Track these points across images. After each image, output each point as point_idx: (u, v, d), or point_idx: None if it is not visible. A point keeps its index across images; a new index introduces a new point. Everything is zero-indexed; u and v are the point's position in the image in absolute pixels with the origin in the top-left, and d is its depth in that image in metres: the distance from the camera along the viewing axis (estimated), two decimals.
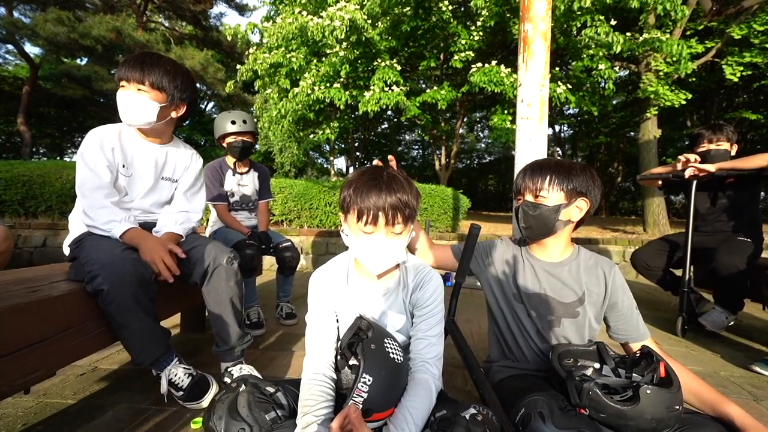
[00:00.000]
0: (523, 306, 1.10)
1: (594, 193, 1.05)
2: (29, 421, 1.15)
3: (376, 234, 0.87)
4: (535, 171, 1.07)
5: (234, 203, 2.30)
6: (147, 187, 1.43)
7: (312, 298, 0.99)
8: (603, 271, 1.08)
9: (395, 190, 0.86)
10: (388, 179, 0.88)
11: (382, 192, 0.85)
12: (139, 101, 1.32)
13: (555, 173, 1.04)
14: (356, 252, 0.92)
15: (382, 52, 5.97)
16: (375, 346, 0.79)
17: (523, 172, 1.10)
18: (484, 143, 22.66)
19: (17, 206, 4.36)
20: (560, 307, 1.06)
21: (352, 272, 1.01)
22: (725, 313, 1.97)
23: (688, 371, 0.95)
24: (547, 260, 1.11)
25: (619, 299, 1.06)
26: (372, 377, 0.74)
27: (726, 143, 2.12)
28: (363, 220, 0.86)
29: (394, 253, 0.90)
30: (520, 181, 1.10)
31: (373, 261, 0.90)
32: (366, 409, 0.74)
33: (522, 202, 1.10)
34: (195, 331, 2.00)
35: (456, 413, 0.74)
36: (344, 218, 0.94)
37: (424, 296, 0.95)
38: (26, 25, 11.36)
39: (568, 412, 0.76)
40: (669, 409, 0.78)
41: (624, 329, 1.07)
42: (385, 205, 0.85)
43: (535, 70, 1.81)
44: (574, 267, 1.09)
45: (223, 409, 0.75)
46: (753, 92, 9.52)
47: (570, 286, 1.07)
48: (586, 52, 5.63)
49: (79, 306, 1.11)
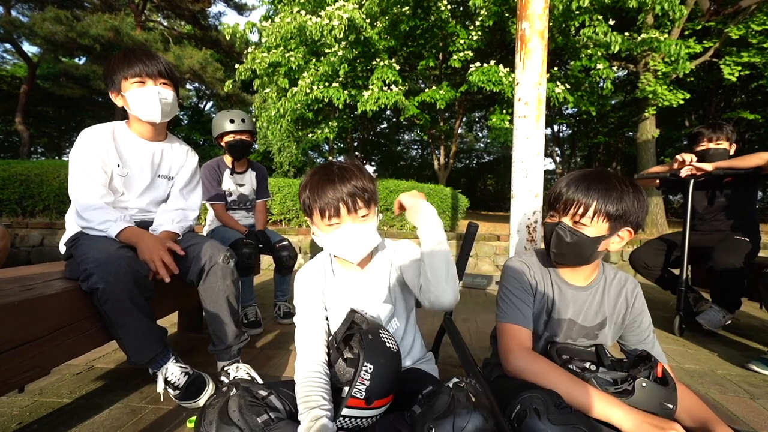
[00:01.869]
0: (545, 329, 1.06)
1: (640, 221, 0.93)
2: (24, 420, 1.15)
3: (343, 225, 0.91)
4: (580, 190, 0.92)
5: (232, 202, 2.29)
6: (144, 185, 1.43)
7: (299, 296, 1.01)
8: (626, 294, 1.04)
9: (347, 178, 0.90)
10: (338, 171, 0.91)
11: (336, 184, 0.89)
12: (169, 96, 1.34)
13: (603, 198, 0.90)
14: (331, 248, 0.95)
15: (381, 51, 5.97)
16: (372, 336, 0.81)
17: (567, 186, 0.94)
18: (483, 143, 22.66)
19: (14, 205, 4.34)
20: (581, 330, 1.03)
21: (336, 265, 1.04)
22: (722, 311, 1.97)
23: (685, 388, 0.91)
24: (575, 284, 1.04)
25: (637, 320, 1.04)
26: (373, 365, 0.76)
27: (725, 142, 2.12)
28: (327, 216, 0.90)
29: (365, 237, 0.92)
30: (559, 194, 0.95)
31: (348, 250, 0.93)
32: (367, 397, 0.74)
33: (557, 221, 0.97)
34: (192, 330, 2.00)
35: (440, 386, 0.76)
36: (311, 221, 0.97)
37: (402, 251, 1.02)
38: (24, 23, 11.29)
39: (563, 409, 0.76)
40: (662, 405, 0.78)
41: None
42: (342, 195, 0.88)
43: (533, 68, 1.81)
44: (600, 290, 1.04)
45: (213, 414, 0.75)
46: (751, 92, 9.54)
47: (594, 311, 1.03)
48: (585, 51, 5.64)
49: (74, 304, 1.11)
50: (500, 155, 20.97)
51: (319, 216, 0.91)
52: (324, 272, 1.03)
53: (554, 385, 0.82)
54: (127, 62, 1.29)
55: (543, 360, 0.90)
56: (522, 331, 0.99)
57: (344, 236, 0.91)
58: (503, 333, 1.00)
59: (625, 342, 1.08)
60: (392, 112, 11.18)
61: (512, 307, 1.02)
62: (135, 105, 1.32)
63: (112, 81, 1.32)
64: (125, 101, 1.33)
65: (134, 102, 1.31)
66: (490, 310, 2.58)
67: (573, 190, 0.93)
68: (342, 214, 0.90)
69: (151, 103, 1.31)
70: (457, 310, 2.51)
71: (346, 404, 0.75)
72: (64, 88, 13.80)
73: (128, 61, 1.29)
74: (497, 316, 1.06)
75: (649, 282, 2.31)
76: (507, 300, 1.04)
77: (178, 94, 1.41)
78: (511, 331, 0.99)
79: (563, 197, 0.94)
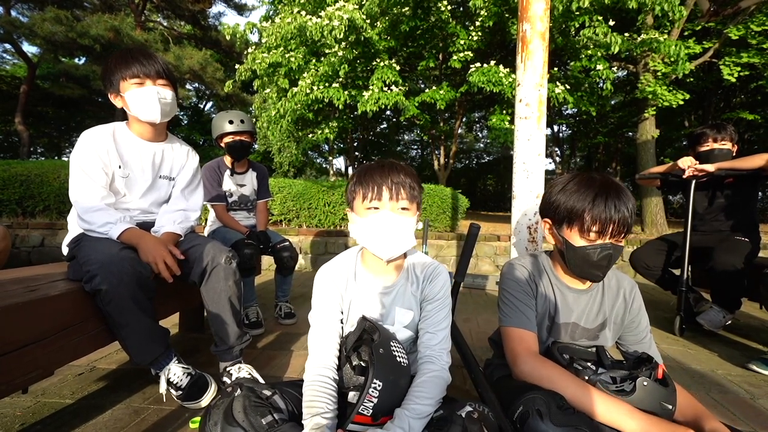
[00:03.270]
0: (548, 334, 1.06)
1: None
2: (27, 421, 1.15)
3: (382, 210, 0.89)
4: (620, 209, 0.89)
5: (232, 203, 2.30)
6: (145, 186, 1.43)
7: (318, 295, 0.98)
8: (624, 294, 1.05)
9: (398, 170, 0.91)
10: (390, 163, 0.93)
11: (385, 170, 0.90)
12: (168, 96, 1.34)
13: (632, 210, 0.90)
14: (364, 236, 0.91)
15: (381, 51, 5.98)
16: (383, 350, 0.79)
17: (603, 202, 0.89)
18: (483, 143, 22.67)
19: (15, 206, 4.34)
20: (583, 332, 1.04)
21: (359, 268, 1.01)
22: (722, 312, 1.97)
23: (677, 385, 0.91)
24: (576, 287, 1.05)
25: (636, 320, 1.05)
26: (382, 382, 0.75)
27: (729, 143, 2.12)
28: (368, 197, 0.89)
29: (402, 231, 0.89)
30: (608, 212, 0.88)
31: (381, 241, 0.89)
32: (375, 414, 0.74)
33: (604, 241, 0.91)
34: (194, 330, 2.00)
35: (452, 412, 0.75)
36: (351, 209, 0.95)
37: (434, 290, 0.96)
38: (24, 24, 11.29)
39: (566, 410, 0.77)
40: (662, 405, 0.79)
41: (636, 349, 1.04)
42: (388, 180, 0.89)
43: (534, 69, 1.82)
44: (600, 292, 1.05)
45: (218, 415, 0.75)
46: (750, 92, 9.55)
47: (595, 313, 1.04)
48: (585, 52, 5.64)
49: (78, 305, 1.11)
50: (500, 155, 20.97)
51: (360, 198, 0.90)
52: (346, 276, 0.99)
53: (563, 390, 0.82)
54: (125, 63, 1.28)
55: (551, 365, 0.91)
56: (528, 335, 0.99)
57: (381, 223, 0.88)
58: (509, 337, 1.00)
59: (623, 342, 1.08)
60: (392, 113, 11.18)
61: (515, 310, 1.02)
62: (134, 106, 1.31)
63: (111, 82, 1.31)
64: (124, 102, 1.32)
65: (133, 103, 1.31)
66: (491, 311, 2.58)
67: (614, 209, 0.88)
68: (383, 198, 0.88)
69: (150, 104, 1.31)
70: (459, 311, 2.52)
71: (353, 420, 0.74)
72: (64, 89, 13.79)
73: (126, 62, 1.28)
74: (500, 320, 1.06)
75: (649, 282, 2.32)
76: (510, 303, 1.04)
77: (177, 94, 1.40)
78: (517, 335, 0.99)
79: (608, 216, 0.88)
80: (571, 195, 0.94)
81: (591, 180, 0.94)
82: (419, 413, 0.76)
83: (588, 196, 0.91)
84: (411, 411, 0.76)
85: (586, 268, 0.94)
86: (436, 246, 4.38)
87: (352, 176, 0.96)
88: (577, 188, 0.94)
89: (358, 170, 0.96)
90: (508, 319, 1.02)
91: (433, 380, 0.84)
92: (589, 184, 0.93)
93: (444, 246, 4.38)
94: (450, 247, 4.38)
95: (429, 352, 0.90)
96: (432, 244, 4.35)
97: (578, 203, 0.92)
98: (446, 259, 4.36)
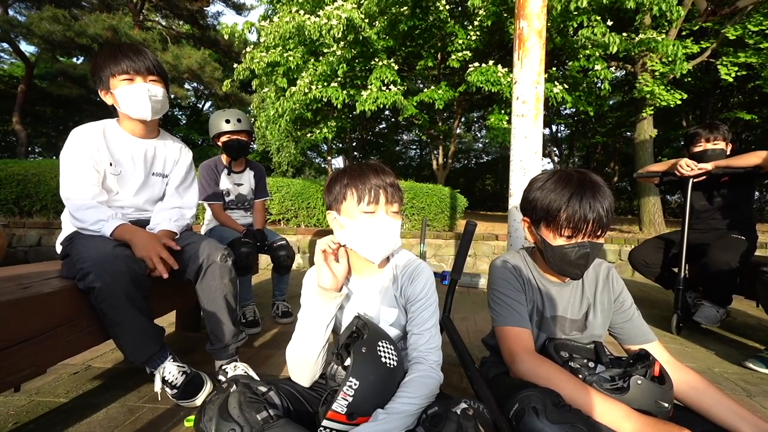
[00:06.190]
0: (538, 330, 1.06)
1: None
2: (21, 420, 1.14)
3: (378, 214, 0.89)
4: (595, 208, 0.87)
5: (230, 202, 2.29)
6: (138, 183, 1.41)
7: (307, 296, 0.99)
8: (602, 275, 1.06)
9: (389, 173, 0.91)
10: (377, 165, 0.92)
11: (378, 173, 0.90)
12: (159, 93, 1.32)
13: (608, 209, 0.89)
14: (357, 240, 0.90)
15: (380, 51, 5.98)
16: (366, 349, 0.78)
17: (578, 202, 0.88)
18: (482, 143, 22.67)
19: (12, 205, 4.32)
20: (571, 324, 1.04)
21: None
22: (715, 307, 1.99)
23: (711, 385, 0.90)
24: (557, 280, 1.05)
25: (620, 298, 1.05)
26: (359, 381, 0.74)
27: (722, 142, 2.13)
28: (365, 200, 0.88)
29: (394, 234, 0.91)
30: (582, 212, 0.87)
31: (376, 244, 0.89)
32: (350, 413, 0.73)
33: (582, 239, 0.90)
34: (190, 329, 1.99)
35: (447, 409, 0.74)
36: (338, 210, 0.93)
37: (416, 290, 0.95)
38: (21, 23, 11.25)
39: (561, 407, 0.76)
40: (657, 404, 0.78)
41: (629, 330, 1.04)
42: (385, 184, 0.89)
43: (531, 67, 1.81)
44: (579, 281, 1.05)
45: (213, 410, 0.74)
46: (748, 92, 9.58)
47: (578, 302, 1.05)
48: (583, 52, 5.66)
49: (71, 303, 1.10)
50: (498, 155, 20.98)
51: (355, 201, 0.88)
52: None
53: (560, 390, 0.81)
54: (114, 59, 1.26)
55: (548, 363, 0.90)
56: (523, 333, 0.98)
57: (377, 227, 0.88)
58: (505, 337, 0.99)
59: (615, 326, 1.07)
60: (391, 112, 11.18)
61: (508, 308, 1.01)
62: (124, 103, 1.29)
63: (100, 78, 1.29)
64: (114, 99, 1.30)
65: (123, 100, 1.29)
66: (488, 309, 2.57)
67: (591, 204, 0.87)
68: (380, 202, 0.88)
69: (140, 101, 1.29)
70: (456, 309, 2.51)
71: (326, 416, 0.74)
72: (61, 88, 13.74)
73: (114, 58, 1.26)
74: (493, 320, 1.05)
75: (648, 281, 2.32)
76: (501, 302, 1.03)
77: (168, 90, 1.38)
78: (513, 333, 0.98)
79: (588, 216, 0.87)
80: (548, 194, 0.93)
81: (568, 178, 0.92)
82: (397, 411, 0.75)
83: (564, 196, 0.90)
84: (387, 409, 0.75)
85: (565, 267, 0.94)
86: (434, 245, 4.38)
87: (336, 176, 0.93)
88: (554, 187, 0.93)
89: (343, 171, 0.93)
90: (502, 318, 1.02)
91: (419, 380, 0.83)
92: (566, 183, 0.91)
93: (442, 245, 4.38)
94: (448, 246, 4.38)
95: (416, 354, 0.89)
96: (430, 243, 4.35)
97: (554, 202, 0.91)
98: (444, 258, 4.36)
